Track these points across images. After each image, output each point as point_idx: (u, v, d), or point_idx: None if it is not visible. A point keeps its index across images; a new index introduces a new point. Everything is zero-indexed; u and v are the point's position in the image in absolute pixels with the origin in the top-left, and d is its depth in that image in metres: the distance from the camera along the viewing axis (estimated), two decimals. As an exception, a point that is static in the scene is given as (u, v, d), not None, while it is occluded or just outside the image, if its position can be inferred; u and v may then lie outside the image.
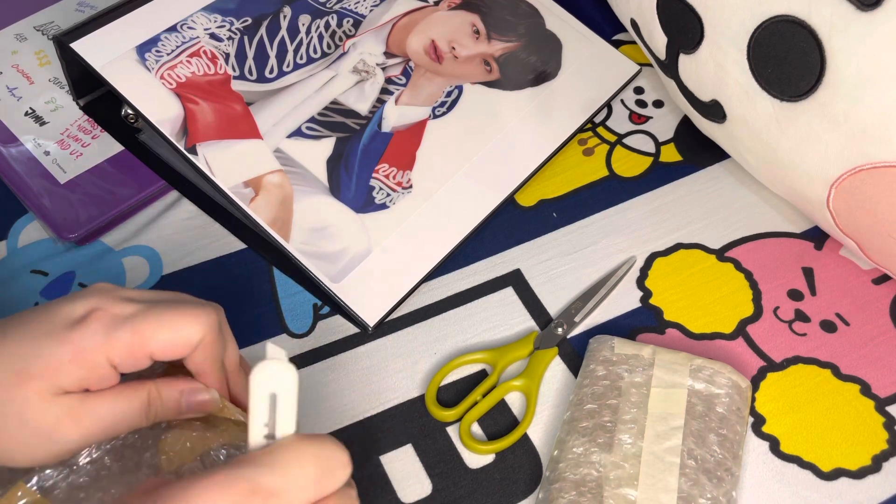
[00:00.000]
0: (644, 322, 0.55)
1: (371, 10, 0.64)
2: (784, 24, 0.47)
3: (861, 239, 0.52)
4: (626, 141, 0.65)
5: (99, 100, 0.61)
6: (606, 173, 0.63)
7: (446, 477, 0.49)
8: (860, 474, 0.49)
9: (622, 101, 0.67)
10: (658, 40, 0.58)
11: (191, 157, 0.54)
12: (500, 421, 0.51)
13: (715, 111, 0.56)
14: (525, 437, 0.50)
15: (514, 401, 0.52)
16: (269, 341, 0.36)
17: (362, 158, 0.58)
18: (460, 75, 0.63)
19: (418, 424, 0.51)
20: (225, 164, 0.55)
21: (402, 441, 0.50)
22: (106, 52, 0.56)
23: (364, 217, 0.56)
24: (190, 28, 0.59)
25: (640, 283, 0.57)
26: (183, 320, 0.37)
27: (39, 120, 0.63)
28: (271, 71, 0.59)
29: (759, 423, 0.51)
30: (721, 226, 0.59)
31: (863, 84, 0.44)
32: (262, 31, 0.61)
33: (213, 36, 0.59)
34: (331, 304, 0.56)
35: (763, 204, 0.61)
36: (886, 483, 0.48)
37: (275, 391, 0.33)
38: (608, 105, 0.67)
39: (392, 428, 0.51)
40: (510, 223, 0.60)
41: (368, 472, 0.49)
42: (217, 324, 0.38)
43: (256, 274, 0.58)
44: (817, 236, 0.59)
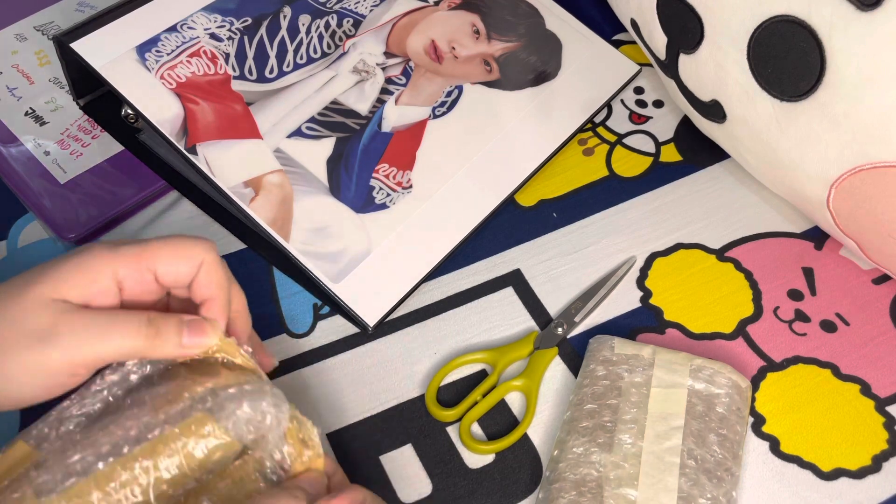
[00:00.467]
0: (644, 322, 0.55)
1: (371, 10, 0.64)
2: (784, 24, 0.47)
3: (861, 239, 0.52)
4: (626, 141, 0.65)
5: (99, 100, 0.61)
6: (606, 173, 0.63)
7: (446, 477, 0.49)
8: (860, 474, 0.49)
9: (622, 101, 0.67)
10: (658, 40, 0.58)
11: (191, 157, 0.54)
12: (500, 421, 0.51)
13: (715, 111, 0.56)
14: (525, 437, 0.50)
15: (514, 401, 0.52)
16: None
17: (362, 158, 0.58)
18: (460, 75, 0.63)
19: (418, 424, 0.51)
20: (225, 164, 0.55)
21: (402, 441, 0.50)
22: (106, 52, 0.56)
23: (364, 217, 0.56)
24: (190, 28, 0.59)
25: (640, 283, 0.57)
26: (185, 242, 0.40)
27: (39, 120, 0.63)
28: (271, 71, 0.59)
29: (759, 423, 0.51)
30: (721, 226, 0.59)
31: (863, 84, 0.44)
32: (262, 31, 0.61)
33: (213, 36, 0.59)
34: (331, 304, 0.56)
35: (763, 204, 0.61)
36: (886, 483, 0.48)
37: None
38: (608, 105, 0.67)
39: (392, 428, 0.51)
40: (510, 223, 0.60)
41: (368, 472, 0.49)
42: (217, 252, 0.41)
43: (256, 274, 0.58)
44: (817, 236, 0.59)
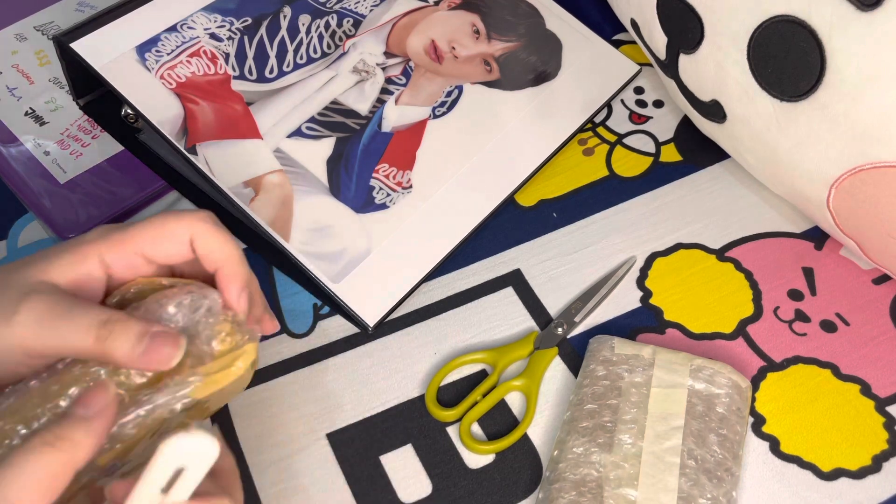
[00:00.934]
0: (644, 322, 0.55)
1: (371, 10, 0.64)
2: (784, 24, 0.47)
3: (861, 239, 0.52)
4: (626, 141, 0.65)
5: (99, 100, 0.61)
6: (606, 173, 0.63)
7: (446, 477, 0.49)
8: (860, 474, 0.49)
9: (622, 101, 0.67)
10: (658, 40, 0.58)
11: (191, 157, 0.54)
12: (500, 421, 0.51)
13: (715, 111, 0.56)
14: (525, 437, 0.50)
15: (514, 401, 0.52)
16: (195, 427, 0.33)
17: (362, 158, 0.58)
18: (460, 75, 0.63)
19: (418, 424, 0.51)
20: (225, 164, 0.55)
21: (402, 441, 0.50)
22: (106, 52, 0.56)
23: (364, 217, 0.56)
24: (190, 28, 0.59)
25: (640, 283, 0.57)
26: (168, 220, 0.39)
27: (39, 120, 0.63)
28: (271, 71, 0.59)
29: (759, 423, 0.51)
30: (721, 226, 0.59)
31: (863, 84, 0.44)
32: (262, 30, 0.61)
33: (213, 36, 0.59)
34: (331, 304, 0.56)
35: (763, 204, 0.61)
36: (886, 483, 0.48)
37: (185, 466, 0.31)
38: (608, 105, 0.67)
39: (392, 428, 0.51)
40: (510, 223, 0.60)
41: (368, 472, 0.49)
42: (211, 219, 0.39)
43: (256, 274, 0.57)
44: (817, 236, 0.59)
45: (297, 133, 0.58)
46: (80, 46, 0.55)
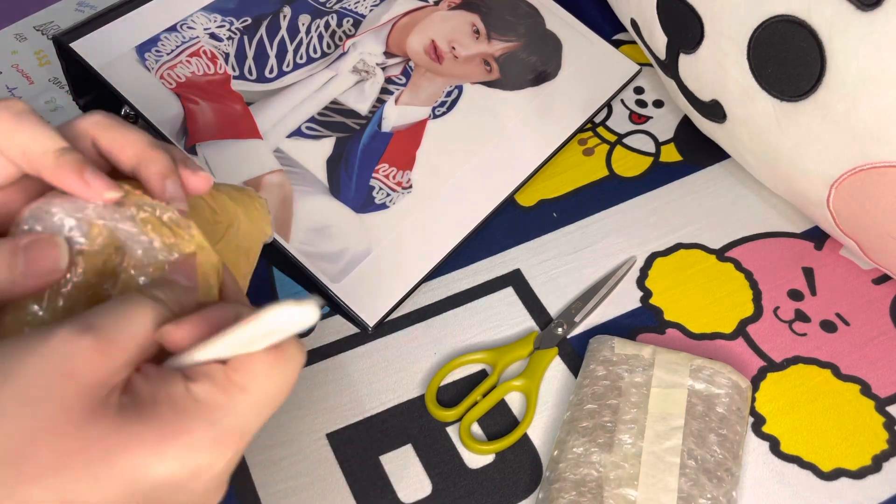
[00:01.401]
0: (644, 322, 0.55)
1: (371, 10, 0.64)
2: (784, 24, 0.47)
3: (861, 239, 0.52)
4: (626, 141, 0.65)
5: (99, 100, 0.61)
6: (606, 173, 0.63)
7: (446, 477, 0.49)
8: (860, 474, 0.49)
9: (622, 101, 0.67)
10: (658, 40, 0.58)
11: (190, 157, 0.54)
12: (500, 421, 0.51)
13: (715, 111, 0.56)
14: (525, 437, 0.50)
15: (514, 401, 0.52)
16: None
17: (362, 158, 0.58)
18: (460, 75, 0.63)
19: (418, 424, 0.51)
20: (225, 164, 0.55)
21: (402, 441, 0.50)
22: (106, 52, 0.56)
23: (364, 217, 0.56)
24: (190, 28, 0.59)
25: (640, 283, 0.57)
26: (63, 125, 0.35)
27: (39, 120, 0.63)
28: (271, 71, 0.59)
29: (759, 423, 0.51)
30: (721, 226, 0.59)
31: (863, 84, 0.44)
32: (262, 30, 0.61)
33: (212, 36, 0.59)
34: (331, 304, 0.56)
35: (763, 204, 0.61)
36: (886, 483, 0.48)
37: (276, 330, 0.29)
38: (608, 105, 0.67)
39: (392, 428, 0.51)
40: (510, 223, 0.60)
41: (368, 472, 0.49)
42: (107, 115, 0.35)
43: (256, 274, 0.58)
44: (817, 236, 0.59)
45: (297, 133, 0.58)
46: (79, 46, 0.55)
